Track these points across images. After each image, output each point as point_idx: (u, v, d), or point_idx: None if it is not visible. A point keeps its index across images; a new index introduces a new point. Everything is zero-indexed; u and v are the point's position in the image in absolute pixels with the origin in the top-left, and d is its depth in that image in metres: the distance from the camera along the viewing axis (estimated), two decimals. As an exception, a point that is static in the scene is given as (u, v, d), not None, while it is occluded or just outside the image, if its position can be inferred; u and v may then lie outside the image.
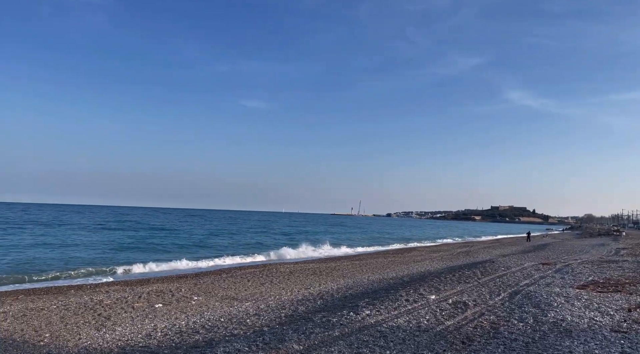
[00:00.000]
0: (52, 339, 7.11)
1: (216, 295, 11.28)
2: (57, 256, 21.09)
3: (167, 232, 42.34)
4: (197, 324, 8.15)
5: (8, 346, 6.74)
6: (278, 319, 8.44)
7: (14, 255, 20.70)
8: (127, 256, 22.22)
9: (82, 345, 6.82)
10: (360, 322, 7.11)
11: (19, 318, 8.48)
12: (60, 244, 26.92)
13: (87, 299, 10.44)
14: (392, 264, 19.83)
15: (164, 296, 10.94)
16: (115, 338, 7.22)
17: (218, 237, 38.29)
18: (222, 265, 20.42)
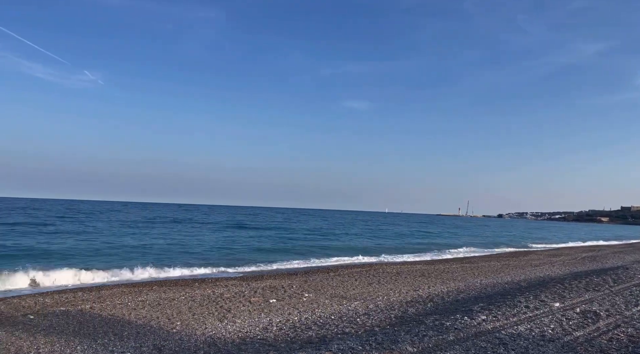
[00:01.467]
0: (183, 327, 7.83)
1: (325, 293, 11.55)
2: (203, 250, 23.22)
3: (284, 231, 44.31)
4: (309, 321, 8.42)
5: (147, 331, 7.56)
6: (388, 319, 8.40)
7: (156, 248, 23.20)
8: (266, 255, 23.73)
9: (208, 334, 7.42)
10: (476, 327, 6.80)
11: (155, 307, 9.48)
12: (181, 239, 29.55)
13: (209, 292, 11.33)
14: (507, 267, 18.66)
15: (277, 292, 11.48)
16: (236, 329, 7.74)
17: (327, 238, 39.16)
18: (329, 264, 20.85)
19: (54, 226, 36.02)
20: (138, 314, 8.79)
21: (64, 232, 30.72)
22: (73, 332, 7.39)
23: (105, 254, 20.70)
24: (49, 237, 26.70)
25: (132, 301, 10.01)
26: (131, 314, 8.73)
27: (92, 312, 8.90)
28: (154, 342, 6.89)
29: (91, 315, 8.64)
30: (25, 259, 16.46)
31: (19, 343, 6.72)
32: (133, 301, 10.01)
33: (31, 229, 32.14)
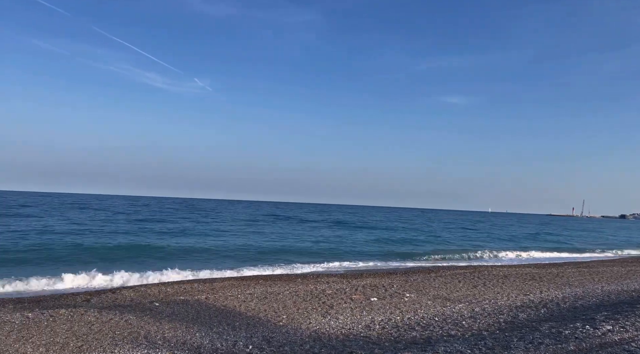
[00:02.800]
0: (289, 321, 8.15)
1: (427, 294, 11.29)
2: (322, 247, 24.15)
3: (386, 231, 44.24)
4: (412, 321, 8.29)
5: (256, 322, 7.99)
6: (497, 324, 7.98)
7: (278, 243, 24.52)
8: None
9: (312, 329, 7.64)
10: (600, 338, 6.20)
11: (262, 300, 9.98)
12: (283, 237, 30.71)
13: (312, 288, 11.66)
14: (633, 273, 16.73)
15: (377, 290, 11.46)
16: (339, 326, 7.88)
17: (430, 238, 38.27)
18: (429, 265, 20.34)
19: (179, 223, 39.50)
20: (247, 306, 9.32)
21: (198, 232, 33.39)
22: (192, 319, 8.06)
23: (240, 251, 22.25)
24: (193, 236, 29.33)
25: (241, 294, 10.64)
26: (241, 306, 9.28)
27: (207, 302, 9.62)
28: (263, 333, 7.26)
29: (206, 305, 9.35)
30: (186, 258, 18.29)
31: (147, 327, 7.47)
32: (242, 294, 10.63)
33: (159, 226, 35.56)
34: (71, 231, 26.71)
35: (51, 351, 6.12)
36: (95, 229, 28.65)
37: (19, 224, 29.73)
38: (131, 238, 24.96)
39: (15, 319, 7.76)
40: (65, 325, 7.43)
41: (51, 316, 8.00)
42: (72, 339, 6.67)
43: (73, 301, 9.78)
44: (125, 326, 7.45)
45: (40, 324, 7.49)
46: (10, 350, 6.11)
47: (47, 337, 6.75)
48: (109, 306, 9.24)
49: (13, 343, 6.44)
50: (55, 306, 9.14)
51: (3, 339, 6.57)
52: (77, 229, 28.57)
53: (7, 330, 7.07)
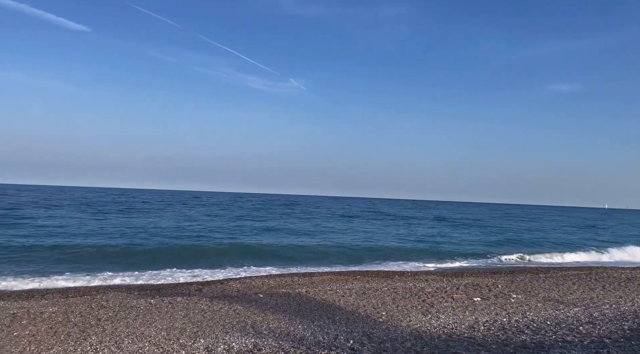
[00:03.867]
0: (388, 318, 8.11)
1: (537, 295, 10.54)
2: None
3: (492, 227, 42.35)
4: (521, 324, 7.80)
5: (356, 317, 8.06)
6: (620, 331, 7.21)
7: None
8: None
9: (412, 326, 7.52)
10: None
11: (360, 295, 10.04)
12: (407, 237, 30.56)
13: (410, 285, 11.47)
14: None
15: (480, 290, 10.96)
16: (440, 325, 7.66)
17: (534, 234, 35.84)
18: (534, 264, 19.01)
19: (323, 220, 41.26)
20: (346, 301, 9.43)
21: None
22: (294, 312, 8.35)
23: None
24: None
25: (340, 289, 10.80)
26: (340, 301, 9.42)
27: (307, 295, 9.90)
28: (363, 329, 7.31)
29: (307, 298, 9.63)
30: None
31: (253, 317, 7.89)
32: (341, 289, 10.79)
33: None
34: (180, 231, 29.09)
35: (171, 335, 6.71)
36: (200, 229, 30.88)
37: (139, 221, 33.01)
38: (232, 236, 26.49)
39: (140, 305, 8.65)
40: (182, 312, 8.12)
41: (170, 303, 8.79)
42: (189, 325, 7.26)
43: (187, 290, 10.64)
44: (234, 315, 7.94)
45: (161, 309, 8.26)
46: (137, 332, 6.81)
47: (167, 322, 7.41)
48: (219, 295, 9.91)
49: (139, 326, 7.17)
50: (172, 294, 10.02)
51: (131, 323, 7.35)
52: (184, 226, 31.04)
53: (134, 314, 7.89)
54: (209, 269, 14.99)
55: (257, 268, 15.75)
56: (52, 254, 16.35)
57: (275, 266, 16.17)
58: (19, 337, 6.49)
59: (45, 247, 17.96)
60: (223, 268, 15.41)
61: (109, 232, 24.26)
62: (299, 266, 16.42)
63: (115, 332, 6.80)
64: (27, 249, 17.19)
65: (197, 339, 6.52)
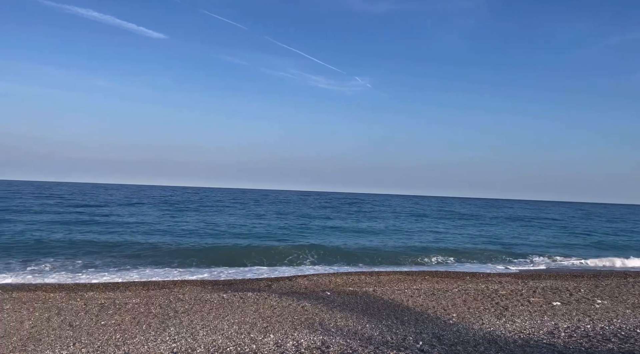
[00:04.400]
0: (459, 320, 7.84)
1: (625, 301, 9.73)
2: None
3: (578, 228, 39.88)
4: (607, 331, 7.23)
5: (425, 319, 7.87)
6: None
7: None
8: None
9: (485, 329, 7.22)
10: None
11: (429, 296, 9.80)
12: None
13: (483, 287, 11.02)
14: None
15: (560, 294, 10.29)
16: (516, 329, 7.28)
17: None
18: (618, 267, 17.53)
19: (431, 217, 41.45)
20: (415, 301, 9.25)
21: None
22: (361, 310, 8.32)
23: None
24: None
25: (408, 289, 10.61)
26: (409, 301, 9.25)
27: (375, 295, 9.82)
28: (432, 330, 7.12)
29: (374, 297, 9.55)
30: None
31: (321, 314, 7.96)
32: (409, 289, 10.59)
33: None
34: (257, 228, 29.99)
35: (242, 329, 6.93)
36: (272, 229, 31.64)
37: (218, 220, 34.44)
38: (301, 235, 26.90)
39: (213, 299, 9.02)
40: (253, 307, 8.36)
41: (241, 298, 9.09)
42: (259, 320, 7.47)
43: (257, 286, 10.95)
44: (302, 312, 8.06)
45: (232, 304, 8.56)
46: (210, 325, 7.11)
47: (239, 316, 7.67)
48: (287, 292, 10.10)
49: (213, 319, 7.48)
50: (243, 289, 10.36)
51: (205, 316, 7.69)
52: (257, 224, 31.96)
53: (208, 308, 8.25)
54: (276, 267, 15.37)
55: (323, 266, 15.90)
56: (135, 250, 17.50)
57: (341, 265, 16.25)
58: (106, 326, 7.00)
59: (129, 243, 19.27)
60: (290, 266, 15.72)
61: (187, 229, 25.58)
62: (365, 265, 16.36)
63: (191, 324, 7.14)
64: (112, 245, 18.54)
65: (267, 334, 6.68)
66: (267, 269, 14.79)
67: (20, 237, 19.58)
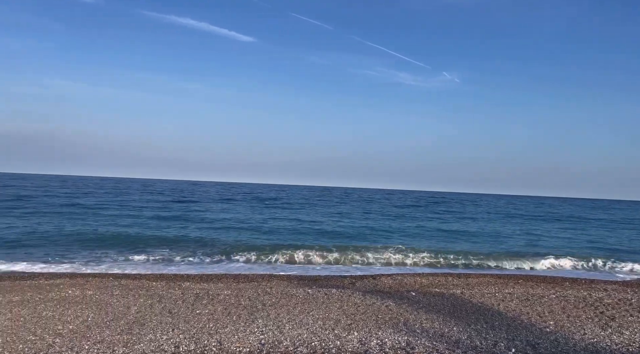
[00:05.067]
0: (557, 328, 7.28)
1: None
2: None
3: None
4: None
5: (518, 325, 7.42)
6: None
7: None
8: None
9: (587, 340, 6.63)
10: None
11: (523, 301, 9.21)
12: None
13: (585, 294, 10.14)
14: None
15: (679, 306, 9.15)
16: (624, 342, 6.61)
17: None
18: None
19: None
20: (507, 306, 8.75)
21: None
22: (448, 313, 8.04)
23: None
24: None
25: (499, 292, 10.07)
26: (500, 305, 8.77)
27: (463, 297, 9.45)
28: (526, 338, 6.69)
29: (462, 300, 9.19)
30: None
31: (406, 314, 7.82)
32: (500, 293, 10.05)
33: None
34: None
35: (327, 325, 7.03)
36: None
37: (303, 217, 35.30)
38: (386, 235, 26.66)
39: (299, 294, 9.24)
40: (337, 303, 8.44)
41: (325, 294, 9.21)
42: (343, 317, 7.52)
43: (341, 283, 11.04)
44: (386, 311, 7.98)
45: (317, 300, 8.71)
46: (296, 320, 7.29)
47: (323, 312, 7.78)
48: (371, 290, 10.06)
49: (298, 314, 7.66)
50: (328, 285, 10.49)
51: (291, 310, 7.90)
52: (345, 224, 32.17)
53: (294, 302, 8.46)
54: (360, 265, 15.39)
55: (408, 266, 15.65)
56: (226, 245, 18.47)
57: (426, 265, 15.87)
58: (200, 314, 7.47)
59: (220, 238, 20.40)
60: (373, 265, 15.66)
61: (275, 226, 26.51)
62: (452, 267, 15.82)
63: (278, 317, 7.37)
64: (206, 239, 19.74)
65: (350, 331, 6.71)
66: (349, 268, 14.87)
67: (128, 229, 21.57)
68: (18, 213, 26.92)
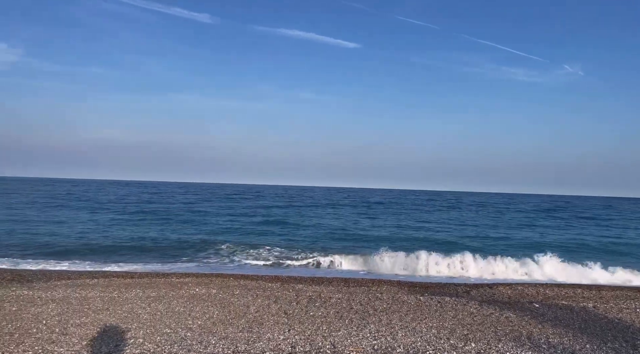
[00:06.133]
0: None
1: None
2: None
3: None
4: None
5: (667, 346, 6.48)
6: None
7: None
8: None
9: None
10: None
11: (672, 319, 8.03)
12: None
13: None
14: None
15: None
16: None
17: None
18: None
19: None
20: None
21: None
22: (579, 328, 7.30)
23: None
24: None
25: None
26: None
27: (596, 312, 8.51)
28: (679, 362, 5.81)
29: (595, 315, 8.28)
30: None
31: (528, 327, 7.26)
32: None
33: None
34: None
35: (441, 334, 6.79)
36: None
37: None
38: (520, 245, 25.13)
39: (410, 300, 9.06)
40: (451, 312, 8.12)
41: (438, 302, 8.92)
42: (458, 326, 7.21)
43: (455, 291, 10.59)
44: (505, 323, 7.48)
45: (430, 307, 8.46)
46: (409, 327, 7.15)
47: (437, 321, 7.53)
48: (488, 300, 9.51)
49: (411, 321, 7.51)
50: (440, 293, 10.15)
51: (403, 316, 7.77)
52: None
53: (406, 309, 8.32)
54: (472, 275, 14.64)
55: (530, 276, 14.55)
56: (333, 249, 18.80)
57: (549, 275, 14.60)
58: (314, 316, 7.68)
59: (325, 241, 20.83)
60: (490, 273, 14.80)
61: (378, 228, 26.41)
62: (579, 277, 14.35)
63: (390, 324, 7.30)
64: (315, 244, 20.31)
65: (467, 342, 6.40)
66: (463, 275, 14.22)
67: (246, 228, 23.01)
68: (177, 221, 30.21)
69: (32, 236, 19.76)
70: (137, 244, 18.61)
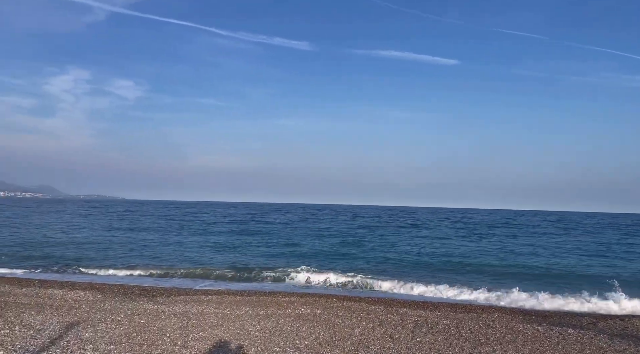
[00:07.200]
0: None
1: None
2: None
3: None
4: None
5: None
6: None
7: None
8: None
9: None
10: None
11: None
12: None
13: None
14: None
15: None
16: None
17: None
18: None
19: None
20: None
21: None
22: None
23: None
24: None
25: None
26: None
27: None
28: None
29: None
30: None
31: (675, 368, 6.31)
32: None
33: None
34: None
35: (566, 369, 6.15)
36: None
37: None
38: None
39: (527, 330, 8.38)
40: (576, 346, 7.34)
41: (560, 334, 8.13)
42: (586, 362, 6.49)
43: (579, 322, 9.58)
44: (644, 362, 6.58)
45: (550, 339, 7.74)
46: (527, 359, 6.58)
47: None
48: (619, 334, 8.46)
49: (529, 352, 6.92)
50: (561, 323, 9.24)
51: (519, 348, 7.18)
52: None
53: (522, 340, 7.69)
54: (594, 298, 13.04)
55: None
56: (444, 271, 18.10)
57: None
58: (421, 342, 7.41)
59: (433, 262, 20.12)
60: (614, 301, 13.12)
61: (486, 252, 24.92)
62: None
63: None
64: (412, 262, 19.73)
65: (598, 381, 5.73)
66: (589, 302, 12.76)
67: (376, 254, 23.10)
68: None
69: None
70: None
